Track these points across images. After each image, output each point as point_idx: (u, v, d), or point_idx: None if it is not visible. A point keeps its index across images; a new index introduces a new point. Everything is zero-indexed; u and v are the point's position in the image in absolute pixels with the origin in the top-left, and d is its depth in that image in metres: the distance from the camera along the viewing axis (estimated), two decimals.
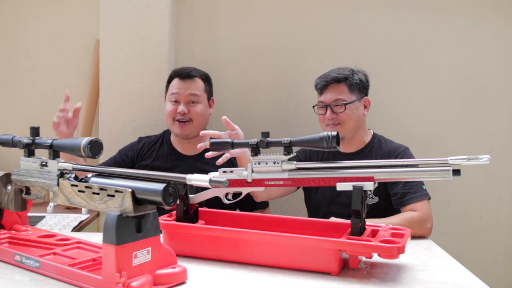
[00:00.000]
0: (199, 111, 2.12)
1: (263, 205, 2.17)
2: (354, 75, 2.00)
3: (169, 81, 2.19)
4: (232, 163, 1.96)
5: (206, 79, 2.21)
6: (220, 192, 1.55)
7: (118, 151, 2.26)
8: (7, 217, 1.53)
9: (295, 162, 1.42)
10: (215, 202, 1.63)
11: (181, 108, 2.09)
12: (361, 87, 2.01)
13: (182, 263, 1.28)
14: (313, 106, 2.05)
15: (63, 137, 1.87)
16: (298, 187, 2.15)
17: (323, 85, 2.00)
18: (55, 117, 1.89)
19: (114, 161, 2.20)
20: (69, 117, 1.89)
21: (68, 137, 1.88)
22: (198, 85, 2.15)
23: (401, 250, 1.28)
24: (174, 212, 1.53)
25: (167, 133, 2.26)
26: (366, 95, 2.04)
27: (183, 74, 2.14)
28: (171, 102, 2.13)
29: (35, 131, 1.40)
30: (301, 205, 2.35)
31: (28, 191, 1.40)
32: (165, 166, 2.16)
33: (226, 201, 1.57)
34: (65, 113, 1.89)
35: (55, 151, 1.34)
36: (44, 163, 1.36)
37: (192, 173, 2.07)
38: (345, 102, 1.95)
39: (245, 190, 1.52)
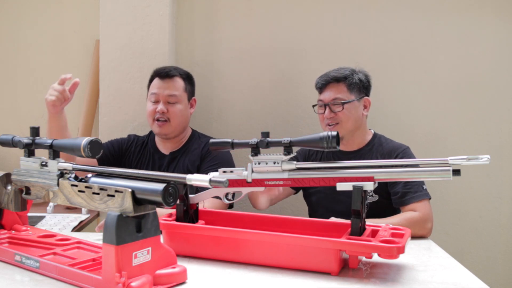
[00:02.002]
0: (177, 111, 2.10)
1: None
2: (354, 75, 2.00)
3: (151, 81, 2.17)
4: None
5: (187, 78, 2.19)
6: (220, 192, 1.55)
7: (107, 143, 2.22)
8: (7, 217, 1.53)
9: (295, 162, 1.43)
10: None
11: (160, 107, 2.08)
12: (361, 87, 2.01)
13: (182, 263, 1.28)
14: (313, 106, 2.06)
15: (56, 113, 1.88)
16: (298, 191, 2.15)
17: (323, 84, 2.01)
18: (51, 96, 1.85)
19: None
20: (67, 96, 1.87)
21: (60, 112, 1.89)
22: (177, 84, 2.13)
23: (401, 250, 1.28)
24: (174, 212, 1.53)
25: (152, 133, 2.26)
26: (367, 95, 2.05)
27: (163, 73, 2.13)
28: (151, 102, 2.12)
29: (35, 131, 1.40)
30: (301, 205, 2.35)
31: (28, 191, 1.40)
32: (147, 166, 2.18)
33: (226, 201, 1.57)
34: (64, 94, 1.86)
35: (55, 151, 1.34)
36: (44, 163, 1.36)
37: (170, 169, 1.99)
38: (343, 101, 1.96)
39: (245, 190, 1.52)
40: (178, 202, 1.50)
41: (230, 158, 2.15)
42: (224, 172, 1.50)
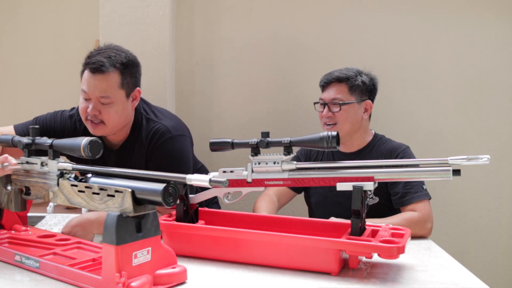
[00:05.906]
0: (112, 113, 1.72)
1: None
2: (358, 76, 1.99)
3: (84, 66, 1.77)
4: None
5: (127, 68, 1.74)
6: (220, 192, 1.55)
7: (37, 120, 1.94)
8: (7, 217, 1.53)
9: (295, 162, 1.43)
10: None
11: (91, 109, 1.71)
12: (363, 89, 2.00)
13: (182, 263, 1.28)
14: (315, 103, 2.06)
15: None
16: (300, 191, 2.15)
17: (325, 82, 2.02)
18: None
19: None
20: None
21: None
22: (111, 81, 1.70)
23: (401, 250, 1.28)
24: (174, 212, 1.53)
25: None
26: (370, 98, 2.03)
27: (93, 67, 1.70)
28: (83, 98, 1.75)
29: (35, 131, 1.40)
30: (301, 205, 2.35)
31: (28, 191, 1.40)
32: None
33: (226, 201, 1.57)
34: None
35: (55, 151, 1.34)
36: (44, 163, 1.36)
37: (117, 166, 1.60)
38: (341, 102, 1.96)
39: (245, 190, 1.52)
40: (178, 202, 1.50)
41: (186, 150, 1.83)
42: (224, 172, 1.50)
